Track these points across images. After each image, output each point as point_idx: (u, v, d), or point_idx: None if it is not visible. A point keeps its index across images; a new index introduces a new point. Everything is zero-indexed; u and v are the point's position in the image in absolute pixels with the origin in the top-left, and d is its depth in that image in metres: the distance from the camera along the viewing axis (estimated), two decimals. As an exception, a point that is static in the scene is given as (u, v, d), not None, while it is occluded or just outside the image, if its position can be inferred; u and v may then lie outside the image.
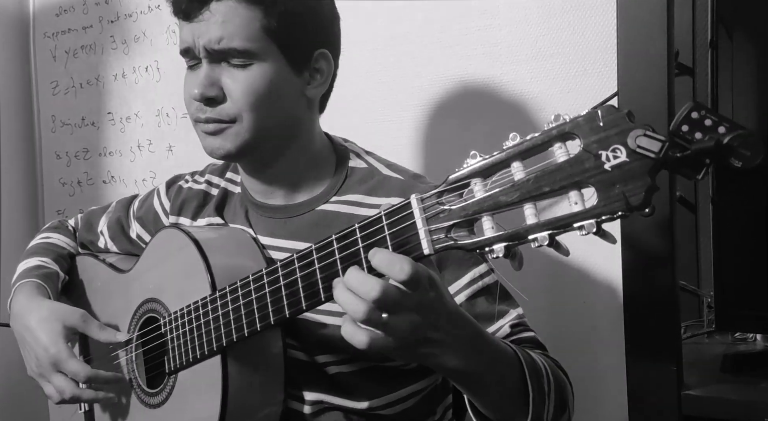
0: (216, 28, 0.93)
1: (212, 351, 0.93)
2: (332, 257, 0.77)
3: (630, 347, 1.00)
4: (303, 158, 1.04)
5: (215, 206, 1.13)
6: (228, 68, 0.96)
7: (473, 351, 0.76)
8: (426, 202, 0.69)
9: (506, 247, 0.64)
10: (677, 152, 0.59)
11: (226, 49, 0.94)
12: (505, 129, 1.41)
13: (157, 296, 1.05)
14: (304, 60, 0.99)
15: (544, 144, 0.62)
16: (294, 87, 0.99)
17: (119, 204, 1.30)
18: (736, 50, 1.02)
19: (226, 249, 1.01)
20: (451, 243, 0.67)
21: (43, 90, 2.08)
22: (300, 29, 0.97)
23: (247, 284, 0.88)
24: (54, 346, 1.05)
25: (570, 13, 1.31)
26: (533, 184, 0.61)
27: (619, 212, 0.57)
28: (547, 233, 0.61)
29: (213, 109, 0.96)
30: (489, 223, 0.65)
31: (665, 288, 0.97)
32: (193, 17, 0.95)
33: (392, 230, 0.71)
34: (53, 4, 2.03)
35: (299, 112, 1.02)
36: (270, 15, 0.94)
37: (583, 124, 0.59)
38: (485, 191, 0.65)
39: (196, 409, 0.96)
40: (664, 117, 0.91)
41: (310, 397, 1.00)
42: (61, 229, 1.33)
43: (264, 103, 0.96)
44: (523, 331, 0.95)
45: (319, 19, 1.00)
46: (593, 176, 0.58)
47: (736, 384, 1.01)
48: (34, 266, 1.20)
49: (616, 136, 0.58)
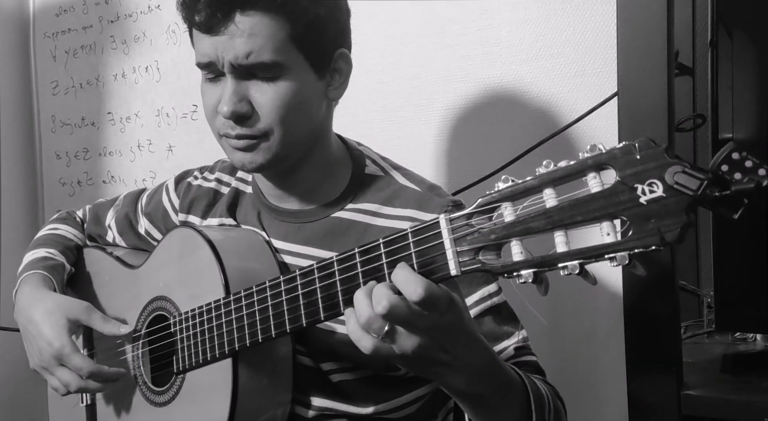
0: (243, 42, 0.89)
1: (224, 354, 0.93)
2: (354, 271, 0.76)
3: (630, 347, 1.00)
4: (322, 163, 1.03)
5: (227, 206, 1.12)
6: (256, 82, 0.93)
7: (483, 377, 0.77)
8: (455, 223, 0.68)
9: (535, 273, 0.63)
10: (716, 192, 0.59)
11: (254, 64, 0.91)
12: (505, 129, 1.42)
13: (167, 295, 1.05)
14: (326, 63, 0.97)
15: (578, 173, 0.61)
16: (318, 92, 0.98)
17: (127, 198, 1.29)
18: (736, 50, 1.02)
19: (239, 252, 1.00)
20: (479, 266, 0.66)
21: (43, 90, 2.08)
22: (324, 33, 0.95)
23: (263, 289, 0.87)
24: (58, 340, 1.04)
25: (570, 13, 1.31)
26: (566, 213, 0.61)
27: (653, 246, 0.58)
28: (578, 262, 0.61)
29: (241, 122, 0.93)
30: (518, 248, 0.64)
31: (665, 288, 0.97)
32: (215, 31, 0.91)
33: (418, 249, 0.71)
34: (53, 4, 2.03)
35: (321, 116, 1.00)
36: (296, 23, 0.91)
37: (619, 156, 0.59)
38: (515, 216, 0.64)
39: (204, 410, 0.96)
40: (664, 117, 0.91)
41: (315, 402, 1.00)
42: (69, 220, 1.33)
43: (295, 115, 0.94)
44: (526, 354, 0.96)
45: (338, 19, 0.98)
46: (627, 209, 0.58)
47: (736, 384, 1.01)
48: (41, 257, 1.20)
49: (654, 171, 0.58)
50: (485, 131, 1.40)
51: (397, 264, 0.71)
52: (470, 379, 0.75)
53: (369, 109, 1.53)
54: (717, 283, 1.06)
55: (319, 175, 1.03)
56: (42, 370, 1.08)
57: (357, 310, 0.71)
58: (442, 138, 1.46)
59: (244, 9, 0.89)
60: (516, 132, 1.36)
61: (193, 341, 0.97)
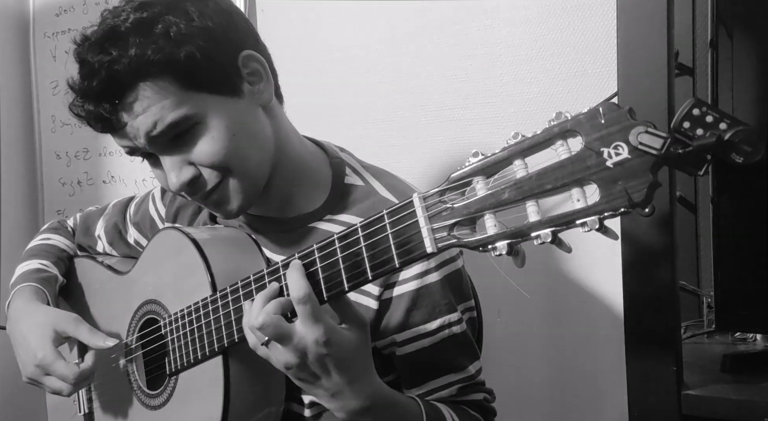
0: (142, 120, 0.87)
1: (213, 352, 0.93)
2: (334, 257, 0.77)
3: (630, 347, 1.00)
4: (291, 169, 1.00)
5: (209, 215, 1.11)
6: (182, 143, 0.90)
7: (363, 413, 0.83)
8: (428, 201, 0.69)
9: (509, 244, 0.64)
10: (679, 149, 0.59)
11: (165, 128, 0.87)
12: (505, 129, 1.41)
13: (156, 298, 1.05)
14: (235, 78, 0.91)
15: (545, 142, 0.62)
16: (246, 110, 0.93)
17: (115, 208, 1.28)
18: (736, 50, 1.02)
19: (225, 249, 1.00)
20: (454, 241, 0.67)
21: (43, 90, 2.08)
22: (213, 58, 0.88)
23: (248, 283, 0.87)
24: (41, 350, 1.04)
25: (570, 13, 1.31)
26: (535, 182, 0.62)
27: (621, 208, 0.58)
28: (550, 230, 0.61)
29: (198, 186, 0.92)
30: (492, 221, 0.65)
31: (665, 288, 0.96)
32: (116, 130, 0.91)
33: (394, 229, 0.72)
34: (53, 4, 2.03)
35: (266, 127, 0.96)
36: (177, 72, 0.86)
37: (584, 122, 0.59)
38: (487, 189, 0.65)
39: (198, 409, 0.96)
40: (664, 117, 0.91)
41: (308, 399, 1.00)
42: (60, 230, 1.32)
43: (233, 148, 0.90)
44: (472, 392, 0.98)
45: (220, 35, 0.90)
46: (595, 173, 0.59)
47: (736, 384, 1.01)
48: (34, 269, 1.19)
49: (618, 134, 0.58)
50: (485, 131, 1.40)
51: (376, 255, 0.74)
52: (350, 413, 0.83)
53: (369, 109, 1.53)
54: (717, 283, 1.06)
55: (291, 184, 1.00)
56: (32, 381, 1.08)
57: (245, 312, 0.82)
58: (442, 138, 1.46)
59: (123, 98, 0.87)
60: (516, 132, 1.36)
61: (183, 341, 0.97)
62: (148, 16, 0.87)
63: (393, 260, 0.72)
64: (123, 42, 0.86)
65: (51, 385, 1.05)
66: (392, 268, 0.73)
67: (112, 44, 0.86)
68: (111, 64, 0.85)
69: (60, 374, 1.02)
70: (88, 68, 0.87)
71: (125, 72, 0.85)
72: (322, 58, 1.59)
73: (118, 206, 1.28)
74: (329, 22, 1.57)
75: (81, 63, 0.89)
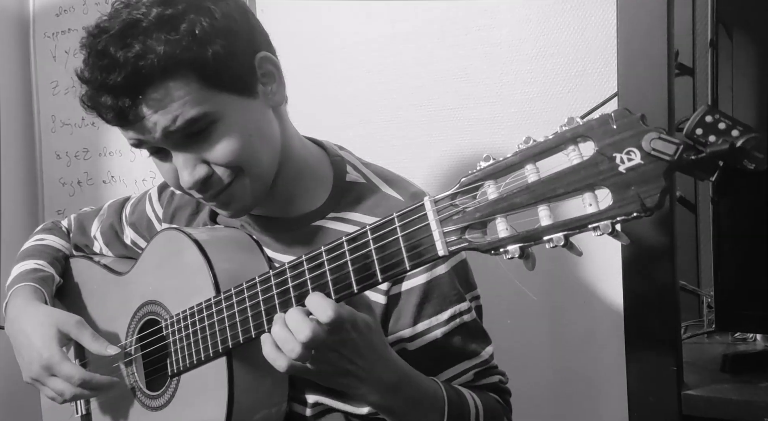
0: (162, 115, 0.86)
1: (218, 353, 0.92)
2: (343, 259, 0.77)
3: (630, 347, 1.00)
4: (295, 170, 1.00)
5: (209, 215, 1.11)
6: (197, 140, 0.89)
7: (393, 390, 0.86)
8: (439, 205, 0.69)
9: (521, 248, 0.64)
10: (692, 155, 0.59)
11: (184, 124, 0.86)
12: (505, 129, 1.42)
13: (157, 298, 1.05)
14: (251, 80, 0.92)
15: (557, 147, 0.62)
16: (260, 111, 0.93)
17: (111, 208, 1.27)
18: (736, 50, 1.02)
19: (227, 250, 1.00)
20: (466, 245, 0.67)
21: (43, 90, 2.08)
22: (233, 58, 0.88)
23: (253, 285, 0.87)
24: (47, 350, 1.03)
25: (570, 13, 1.31)
26: (548, 186, 0.62)
27: (634, 213, 0.58)
28: (563, 234, 0.61)
29: (209, 184, 0.92)
30: (503, 224, 0.65)
31: (665, 288, 0.97)
32: (132, 123, 0.88)
33: (405, 232, 0.72)
34: (53, 4, 2.03)
35: (276, 129, 0.96)
36: (201, 70, 0.86)
37: (596, 127, 0.60)
38: (498, 193, 0.65)
39: (201, 411, 0.96)
40: (664, 117, 0.91)
41: (311, 399, 1.00)
42: (55, 230, 1.31)
43: (248, 148, 0.91)
44: (487, 376, 1.00)
45: (238, 32, 0.90)
46: (608, 178, 0.59)
47: (736, 384, 1.01)
48: (30, 269, 1.19)
49: (631, 139, 0.58)
50: (485, 131, 1.40)
51: (386, 257, 0.74)
52: (381, 391, 0.85)
53: (369, 109, 1.53)
54: (717, 283, 1.06)
55: (294, 184, 1.01)
56: (34, 381, 1.07)
57: (277, 339, 0.79)
58: (442, 138, 1.46)
59: (146, 92, 0.85)
60: (516, 132, 1.36)
61: (185, 342, 0.97)
62: (172, 12, 0.86)
63: (404, 262, 0.72)
64: (146, 37, 0.85)
65: (53, 386, 1.04)
66: (403, 270, 0.73)
67: (135, 38, 0.85)
68: (137, 59, 0.84)
69: (66, 374, 1.02)
70: (110, 61, 0.85)
71: (151, 68, 0.84)
72: (322, 58, 1.59)
73: (114, 207, 1.27)
74: (329, 22, 1.57)
75: (99, 55, 0.86)
